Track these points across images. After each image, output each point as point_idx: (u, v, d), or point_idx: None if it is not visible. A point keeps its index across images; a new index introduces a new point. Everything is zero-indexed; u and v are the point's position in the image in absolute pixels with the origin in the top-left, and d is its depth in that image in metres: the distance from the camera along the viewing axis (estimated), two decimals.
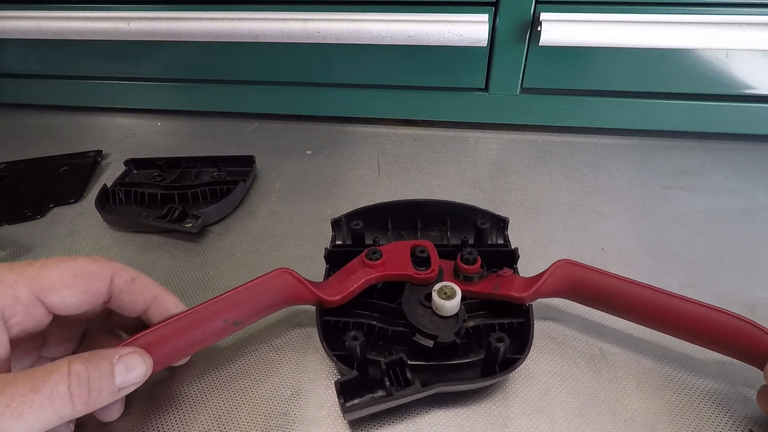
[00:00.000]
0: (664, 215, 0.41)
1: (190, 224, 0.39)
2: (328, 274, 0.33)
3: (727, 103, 0.47)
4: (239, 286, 0.28)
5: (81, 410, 0.20)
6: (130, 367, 0.22)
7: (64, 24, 0.49)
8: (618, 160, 0.48)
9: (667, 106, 0.48)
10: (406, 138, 0.53)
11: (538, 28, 0.42)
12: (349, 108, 0.54)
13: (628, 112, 0.49)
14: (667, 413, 0.27)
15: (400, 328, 0.29)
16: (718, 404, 0.28)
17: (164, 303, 0.25)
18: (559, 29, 0.42)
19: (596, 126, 0.51)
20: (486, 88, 0.50)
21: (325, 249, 0.34)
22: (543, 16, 0.42)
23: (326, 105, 0.54)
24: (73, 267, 0.22)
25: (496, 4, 0.44)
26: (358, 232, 0.35)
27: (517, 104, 0.50)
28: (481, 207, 0.36)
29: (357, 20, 0.45)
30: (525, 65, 0.47)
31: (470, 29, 0.43)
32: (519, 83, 0.49)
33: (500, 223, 0.36)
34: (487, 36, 0.43)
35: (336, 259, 0.33)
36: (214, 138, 0.55)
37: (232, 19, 0.46)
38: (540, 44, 0.42)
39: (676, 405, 0.28)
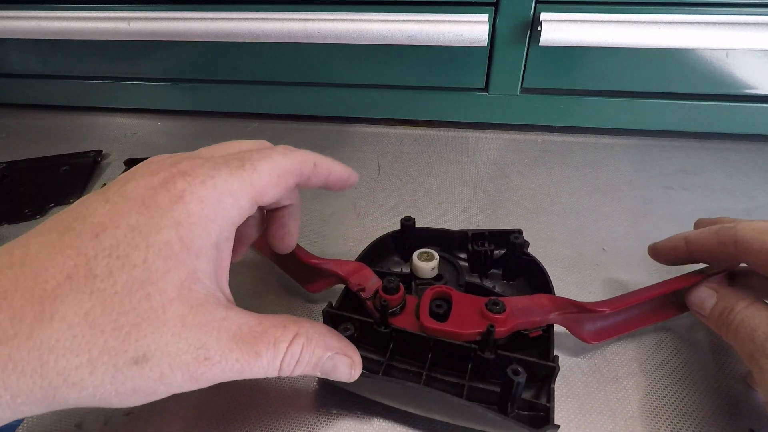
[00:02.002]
0: (665, 215, 0.41)
1: None
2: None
3: (727, 103, 0.47)
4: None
5: (281, 375, 0.21)
6: (336, 369, 0.23)
7: (64, 24, 0.49)
8: (618, 160, 0.48)
9: (667, 106, 0.48)
10: (406, 138, 0.53)
11: (538, 28, 0.42)
12: (349, 108, 0.54)
13: (628, 112, 0.49)
14: (667, 413, 0.27)
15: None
16: (719, 404, 0.28)
17: (338, 174, 0.26)
18: (559, 29, 0.42)
19: (596, 126, 0.51)
20: (486, 88, 0.50)
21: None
22: (543, 16, 0.42)
23: (326, 105, 0.54)
24: (275, 167, 0.22)
25: (496, 4, 0.44)
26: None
27: (517, 104, 0.50)
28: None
29: (357, 20, 0.45)
30: (525, 65, 0.47)
31: (470, 29, 0.43)
32: (519, 83, 0.49)
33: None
34: (487, 36, 0.43)
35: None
36: (214, 138, 0.55)
37: (232, 19, 0.46)
38: (540, 44, 0.42)
39: (676, 405, 0.28)
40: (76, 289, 0.18)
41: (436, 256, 0.32)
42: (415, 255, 0.32)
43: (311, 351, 0.22)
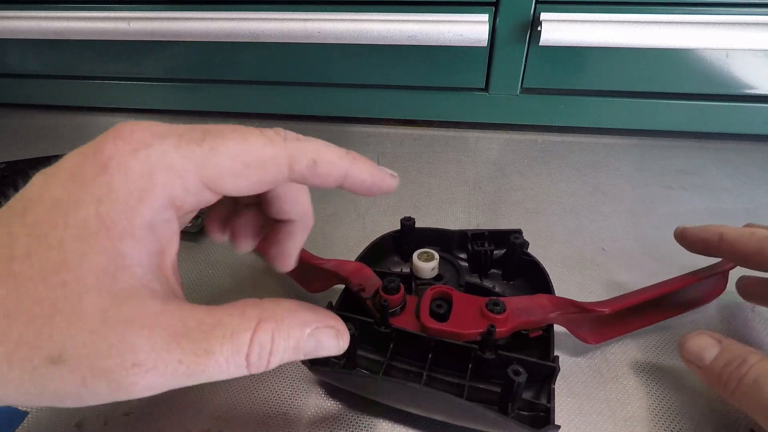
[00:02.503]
0: (665, 215, 0.41)
1: (190, 224, 0.39)
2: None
3: (727, 103, 0.47)
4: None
5: (254, 373, 0.18)
6: (320, 345, 0.19)
7: (64, 24, 0.49)
8: (618, 160, 0.48)
9: (667, 106, 0.48)
10: (406, 138, 0.53)
11: (538, 28, 0.42)
12: (349, 108, 0.54)
13: (628, 112, 0.49)
14: (668, 413, 0.27)
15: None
16: (719, 404, 0.28)
17: (357, 177, 0.21)
18: (559, 29, 0.42)
19: (596, 126, 0.51)
20: (486, 88, 0.50)
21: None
22: (543, 16, 0.42)
23: (326, 105, 0.54)
24: (244, 152, 0.18)
25: (496, 4, 0.44)
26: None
27: (517, 104, 0.50)
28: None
29: (357, 20, 0.45)
30: (525, 65, 0.47)
31: (470, 29, 0.43)
32: (519, 83, 0.49)
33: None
34: (487, 36, 0.43)
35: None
36: None
37: (232, 19, 0.46)
38: (540, 44, 0.42)
39: (676, 405, 0.28)
40: None
41: (437, 256, 0.32)
42: (415, 255, 0.32)
43: (285, 335, 0.18)
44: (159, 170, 0.17)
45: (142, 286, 0.17)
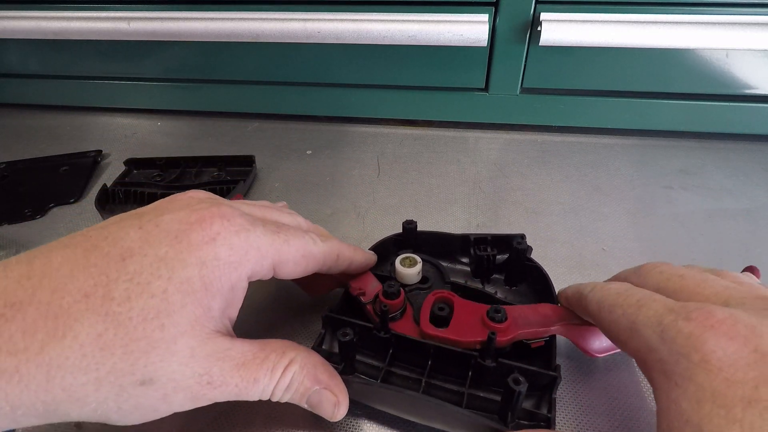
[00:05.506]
0: (664, 215, 0.41)
1: None
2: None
3: (727, 103, 0.47)
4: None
5: (272, 400, 0.23)
6: (320, 404, 0.24)
7: (64, 24, 0.49)
8: (618, 160, 0.48)
9: (667, 106, 0.48)
10: (406, 138, 0.53)
11: (538, 28, 0.42)
12: (349, 108, 0.54)
13: (628, 112, 0.49)
14: None
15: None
16: None
17: (358, 264, 0.28)
18: (559, 29, 0.42)
19: (596, 126, 0.51)
20: (486, 88, 0.50)
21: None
22: (543, 16, 0.42)
23: (326, 105, 0.54)
24: (304, 247, 0.24)
25: (496, 4, 0.44)
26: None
27: (517, 104, 0.50)
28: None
29: (357, 20, 0.45)
30: (525, 65, 0.47)
31: (470, 29, 0.43)
32: (519, 83, 0.49)
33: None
34: (487, 36, 0.43)
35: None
36: (214, 138, 0.55)
37: (232, 19, 0.46)
38: (540, 44, 0.42)
39: None
40: (91, 309, 0.18)
41: (419, 259, 0.31)
42: (397, 262, 0.30)
43: (300, 380, 0.23)
44: (252, 249, 0.22)
45: (217, 329, 0.21)
